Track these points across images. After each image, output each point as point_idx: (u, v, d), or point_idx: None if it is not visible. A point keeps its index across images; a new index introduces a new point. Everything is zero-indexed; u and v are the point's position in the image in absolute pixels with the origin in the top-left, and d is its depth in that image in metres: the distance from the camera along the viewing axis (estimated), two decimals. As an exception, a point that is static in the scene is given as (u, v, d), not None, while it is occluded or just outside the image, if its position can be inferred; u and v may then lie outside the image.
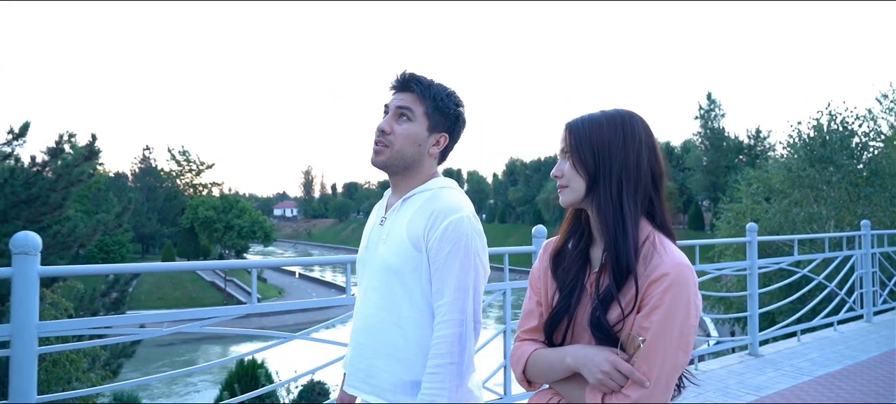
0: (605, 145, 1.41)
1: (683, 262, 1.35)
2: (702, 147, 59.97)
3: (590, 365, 1.35)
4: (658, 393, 1.31)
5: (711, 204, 59.05)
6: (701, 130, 60.21)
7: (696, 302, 1.34)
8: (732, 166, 55.91)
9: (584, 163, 1.42)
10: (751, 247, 5.94)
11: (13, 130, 12.50)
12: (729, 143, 59.03)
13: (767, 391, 4.73)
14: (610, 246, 1.37)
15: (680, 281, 1.31)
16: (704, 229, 57.42)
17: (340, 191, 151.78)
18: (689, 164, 62.32)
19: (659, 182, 1.44)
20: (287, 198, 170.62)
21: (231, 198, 60.29)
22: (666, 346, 1.30)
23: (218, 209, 57.71)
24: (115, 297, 13.80)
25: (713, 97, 60.68)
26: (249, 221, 57.93)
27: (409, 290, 1.67)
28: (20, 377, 2.47)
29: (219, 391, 17.97)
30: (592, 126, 1.44)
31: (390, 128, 1.71)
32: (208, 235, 58.71)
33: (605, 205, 1.39)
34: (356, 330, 1.78)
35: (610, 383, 1.32)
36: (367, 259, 1.79)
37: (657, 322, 1.30)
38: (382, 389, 1.69)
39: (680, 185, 63.40)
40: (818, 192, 12.44)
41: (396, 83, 1.77)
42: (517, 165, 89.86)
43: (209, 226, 57.36)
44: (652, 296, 1.31)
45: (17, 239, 2.47)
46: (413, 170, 1.75)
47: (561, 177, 1.47)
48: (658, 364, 1.30)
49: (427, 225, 1.65)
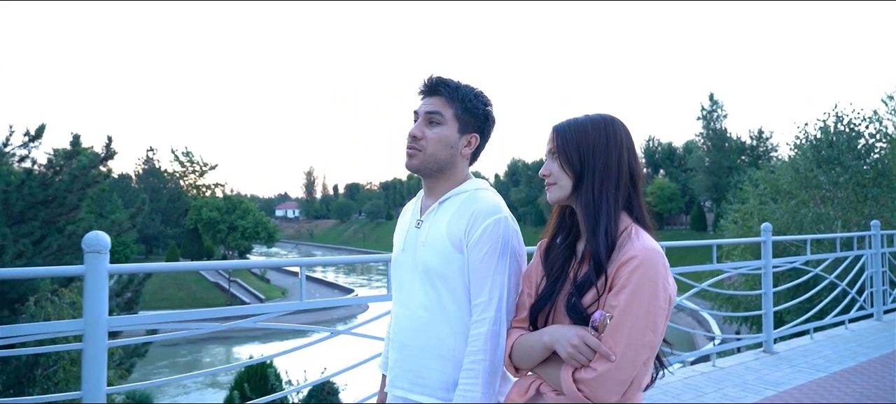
0: (590, 147, 1.54)
1: (653, 247, 1.45)
2: (704, 148, 60.02)
3: (562, 341, 1.45)
4: (624, 366, 1.39)
5: (714, 204, 59.11)
6: (703, 131, 60.27)
7: (666, 285, 1.43)
8: (735, 167, 55.95)
9: (570, 163, 1.55)
10: (765, 247, 6.07)
11: (29, 132, 12.66)
12: (731, 144, 59.06)
13: (785, 386, 4.86)
14: (590, 237, 1.49)
15: (647, 263, 1.41)
16: (707, 230, 57.47)
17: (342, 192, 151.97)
18: (691, 165, 62.36)
19: (637, 180, 1.57)
20: (289, 199, 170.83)
21: (235, 199, 60.41)
22: (632, 323, 1.38)
23: (222, 210, 57.83)
24: (128, 297, 13.97)
25: (715, 98, 60.73)
26: (253, 222, 58.05)
27: (454, 291, 1.71)
28: (92, 369, 2.61)
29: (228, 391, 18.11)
30: (578, 129, 1.56)
31: (422, 132, 1.75)
32: (212, 236, 58.82)
33: (587, 202, 1.52)
34: (401, 331, 1.80)
35: (579, 357, 1.42)
36: (405, 261, 1.82)
37: (624, 300, 1.40)
38: (433, 388, 1.72)
39: (682, 186, 63.44)
40: (825, 193, 12.57)
41: (424, 88, 1.80)
42: (519, 166, 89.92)
43: (213, 226, 57.47)
44: (621, 277, 1.41)
45: (90, 238, 2.61)
46: (447, 171, 1.78)
47: (549, 175, 1.59)
48: (624, 339, 1.38)
49: (467, 226, 1.69)
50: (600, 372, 1.39)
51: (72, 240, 12.73)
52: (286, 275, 62.74)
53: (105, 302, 2.64)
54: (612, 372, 1.38)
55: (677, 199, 62.76)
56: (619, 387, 1.40)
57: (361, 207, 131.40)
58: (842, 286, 6.99)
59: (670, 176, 67.05)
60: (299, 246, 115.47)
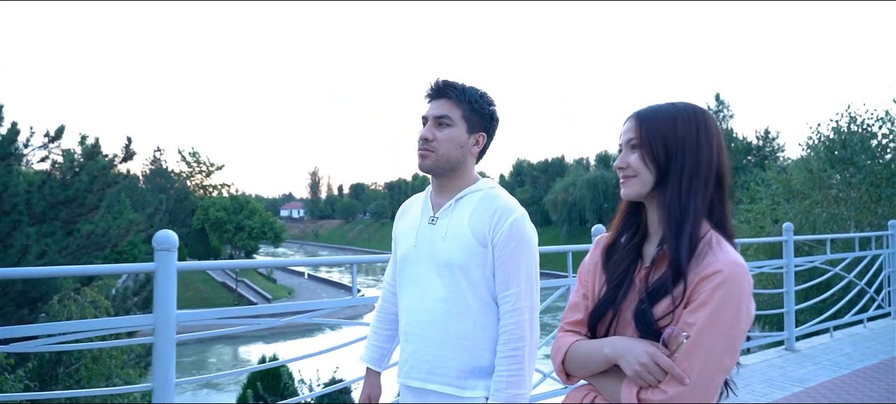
0: (680, 140, 1.38)
1: (739, 262, 1.31)
2: (710, 147, 60.08)
3: (628, 357, 1.31)
4: (698, 392, 1.26)
5: (720, 205, 58.96)
6: (709, 131, 60.32)
7: (748, 305, 1.29)
8: (741, 167, 55.89)
9: (654, 156, 1.39)
10: (787, 246, 6.16)
11: (49, 133, 12.83)
12: (737, 144, 58.96)
13: (811, 383, 4.95)
14: (671, 241, 1.33)
15: (732, 280, 1.27)
16: (713, 230, 57.45)
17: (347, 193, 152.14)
18: (696, 165, 62.39)
19: (723, 182, 1.41)
20: (293, 200, 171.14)
21: (241, 199, 60.67)
22: (710, 345, 1.25)
23: (229, 210, 58.08)
24: (144, 296, 14.12)
25: (721, 98, 60.71)
26: (260, 222, 58.28)
27: (475, 283, 1.78)
28: (162, 362, 2.72)
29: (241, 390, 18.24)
30: (666, 118, 1.40)
31: (433, 135, 1.84)
32: (219, 236, 59.09)
33: (671, 200, 1.36)
34: (418, 324, 1.85)
35: (647, 376, 1.28)
36: (419, 256, 1.88)
37: (703, 319, 1.26)
38: (449, 377, 1.79)
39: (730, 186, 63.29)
40: (838, 193, 12.64)
41: (431, 91, 1.88)
42: (524, 166, 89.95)
43: (220, 226, 57.73)
44: (701, 293, 1.27)
45: (160, 237, 2.73)
46: (458, 171, 1.87)
47: (627, 168, 1.43)
48: (700, 362, 1.25)
49: (491, 222, 1.78)
50: (671, 395, 1.26)
51: (90, 240, 12.90)
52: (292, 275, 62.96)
53: (174, 296, 2.76)
54: (684, 396, 1.25)
55: (683, 199, 62.61)
56: None
57: (366, 207, 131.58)
58: (860, 285, 7.07)
59: (728, 176, 67.03)
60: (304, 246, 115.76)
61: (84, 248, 12.82)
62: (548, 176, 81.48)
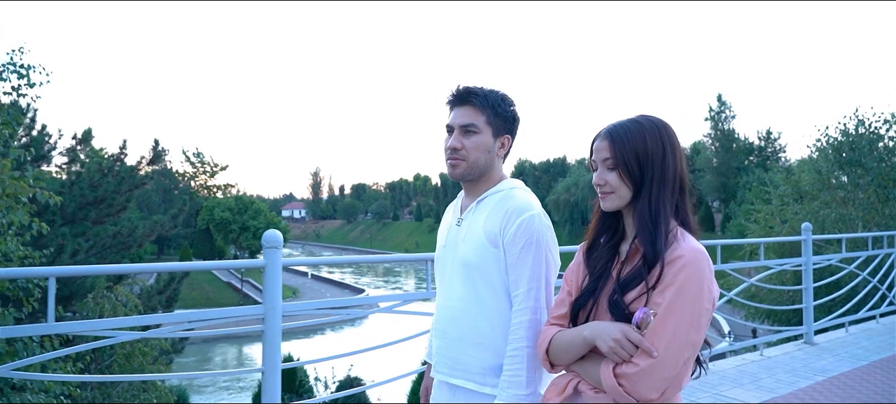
0: (649, 156, 1.54)
1: (699, 249, 1.48)
2: (712, 148, 60.35)
3: (603, 336, 1.46)
4: (667, 363, 1.40)
5: (722, 205, 59.42)
6: (711, 132, 60.60)
7: (711, 286, 1.45)
8: (743, 168, 56.27)
9: (630, 174, 1.54)
10: (806, 245, 6.48)
11: (77, 136, 13.17)
12: (739, 145, 59.36)
13: (832, 373, 5.28)
14: (646, 240, 1.49)
15: (693, 264, 1.43)
16: (715, 230, 57.77)
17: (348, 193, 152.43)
18: (699, 166, 62.65)
19: (685, 185, 1.60)
20: (294, 200, 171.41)
21: (246, 200, 61.05)
22: (676, 321, 1.40)
23: (233, 210, 58.43)
24: (168, 295, 14.46)
25: (723, 98, 61.04)
26: (264, 222, 58.61)
27: (491, 283, 1.83)
28: (271, 346, 3.05)
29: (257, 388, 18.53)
30: (637, 137, 1.55)
31: (461, 144, 1.87)
32: (223, 236, 59.44)
33: (643, 211, 1.52)
34: (442, 321, 1.93)
35: (621, 352, 1.43)
36: (446, 257, 1.95)
37: (669, 297, 1.42)
38: (472, 373, 1.85)
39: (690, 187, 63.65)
40: (846, 194, 12.99)
41: (454, 98, 1.90)
42: (526, 167, 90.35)
43: (225, 227, 58.09)
44: (666, 276, 1.44)
45: (269, 236, 3.05)
46: (486, 174, 1.91)
47: (605, 185, 1.57)
48: (668, 336, 1.40)
49: (502, 222, 1.81)
50: (642, 368, 1.40)
51: (116, 240, 13.24)
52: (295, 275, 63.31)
53: (280, 288, 3.08)
54: (654, 367, 1.40)
55: (685, 200, 62.95)
56: (660, 384, 1.42)
57: (368, 208, 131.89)
58: (873, 283, 7.39)
59: (686, 178, 67.27)
60: (306, 246, 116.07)
61: (110, 248, 13.16)
62: (550, 176, 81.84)
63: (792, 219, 13.34)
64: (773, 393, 4.71)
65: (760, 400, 4.57)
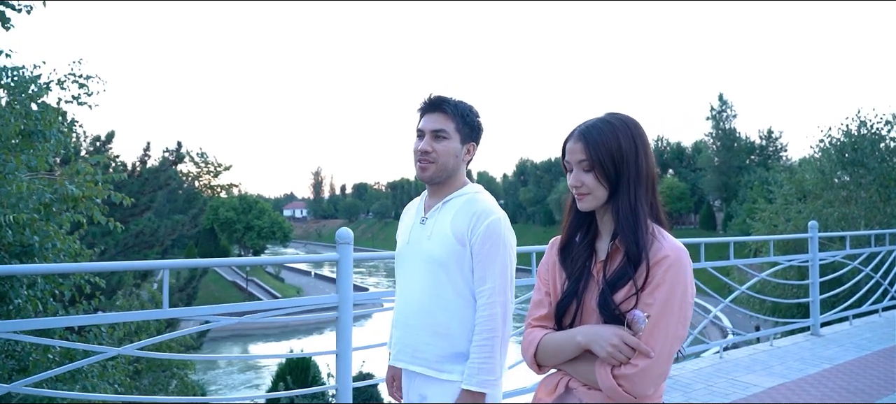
0: (624, 156, 1.55)
1: (681, 247, 1.52)
2: (713, 147, 60.75)
3: (600, 341, 1.48)
4: (662, 361, 1.46)
5: (723, 204, 59.89)
6: (712, 131, 61.02)
7: (692, 283, 1.51)
8: (744, 167, 56.71)
9: (606, 174, 1.55)
10: (813, 242, 6.85)
11: (100, 137, 13.54)
12: (741, 144, 59.77)
13: (838, 361, 5.66)
14: (630, 239, 1.51)
15: (679, 262, 1.48)
16: (716, 229, 58.22)
17: (350, 192, 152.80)
18: (700, 165, 63.08)
19: (655, 182, 1.61)
20: (296, 199, 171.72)
21: (250, 200, 61.40)
22: (668, 320, 1.46)
23: (238, 210, 58.79)
24: (188, 292, 14.85)
25: (725, 98, 61.46)
26: (269, 222, 58.99)
27: (453, 279, 1.97)
28: (344, 332, 3.43)
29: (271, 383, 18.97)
30: (610, 138, 1.55)
31: (432, 147, 2.01)
32: (228, 236, 59.81)
33: (624, 209, 1.54)
34: (404, 312, 2.06)
35: (619, 356, 1.46)
36: (410, 253, 2.07)
37: (661, 298, 1.46)
38: (429, 361, 2.00)
39: (691, 186, 64.14)
40: (849, 193, 13.38)
41: (426, 105, 2.05)
42: (527, 166, 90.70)
43: (229, 226, 58.45)
44: (654, 276, 1.47)
45: (342, 233, 3.48)
46: (452, 178, 2.06)
47: (581, 186, 1.57)
48: (662, 336, 1.45)
49: (470, 223, 1.96)
50: (641, 368, 1.44)
51: (140, 239, 13.63)
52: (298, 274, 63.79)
53: (351, 279, 3.46)
54: (652, 367, 1.45)
55: (686, 199, 63.52)
56: (658, 381, 1.48)
57: (369, 207, 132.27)
58: (876, 278, 7.77)
59: (679, 175, 67.80)
60: (307, 245, 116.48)
61: (133, 247, 13.55)
62: (551, 175, 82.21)
63: (796, 218, 13.73)
64: (784, 378, 5.09)
65: (772, 384, 4.95)
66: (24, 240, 4.54)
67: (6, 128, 4.51)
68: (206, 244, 61.70)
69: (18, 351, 5.52)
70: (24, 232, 4.49)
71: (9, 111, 4.69)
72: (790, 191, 14.74)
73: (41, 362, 5.07)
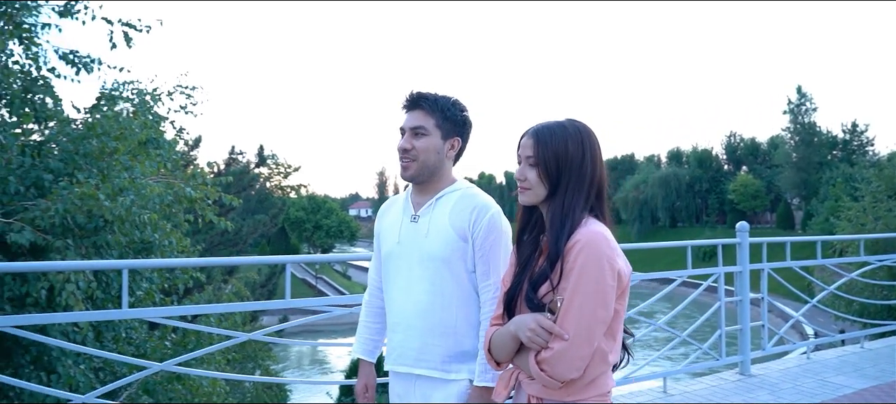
0: (569, 160, 1.62)
1: (596, 230, 1.56)
2: (791, 143, 57.87)
3: (522, 327, 1.56)
4: (579, 343, 1.49)
5: (802, 202, 57.00)
6: (790, 125, 58.11)
7: (613, 263, 1.53)
8: (825, 163, 53.79)
9: (549, 174, 1.62)
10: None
11: (188, 143, 14.47)
12: (821, 139, 56.70)
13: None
14: (552, 239, 1.58)
15: (590, 244, 1.52)
16: (794, 228, 55.50)
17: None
18: (777, 161, 60.24)
19: (602, 190, 1.67)
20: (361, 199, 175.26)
21: (318, 200, 63.34)
22: (581, 301, 1.49)
23: (307, 210, 60.77)
24: (269, 288, 15.61)
25: (803, 90, 58.41)
26: (337, 221, 60.69)
27: (456, 274, 1.93)
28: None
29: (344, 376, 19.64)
30: (560, 141, 1.63)
31: (411, 145, 1.98)
32: (298, 234, 61.94)
33: (556, 210, 1.60)
34: (405, 315, 1.98)
35: (538, 340, 1.52)
36: (402, 252, 2.01)
37: (572, 281, 1.50)
38: (435, 362, 1.93)
39: (767, 183, 61.43)
40: (945, 189, 12.56)
41: (407, 103, 2.02)
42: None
43: (299, 225, 60.50)
44: (567, 262, 1.53)
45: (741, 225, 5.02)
46: (437, 174, 2.01)
47: (524, 180, 1.66)
48: (575, 318, 1.49)
49: (471, 218, 1.93)
50: (557, 350, 1.49)
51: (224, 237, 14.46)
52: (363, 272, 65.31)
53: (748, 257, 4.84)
54: (569, 348, 1.48)
55: (761, 197, 60.85)
56: (578, 363, 1.50)
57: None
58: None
59: (754, 172, 64.96)
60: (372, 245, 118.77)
61: (219, 244, 14.40)
62: (617, 173, 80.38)
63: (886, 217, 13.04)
64: (877, 380, 4.98)
65: (864, 385, 4.85)
66: (146, 237, 5.05)
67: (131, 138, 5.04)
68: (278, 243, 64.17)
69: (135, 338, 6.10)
70: (146, 230, 4.99)
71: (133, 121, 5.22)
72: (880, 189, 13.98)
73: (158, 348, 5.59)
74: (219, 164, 13.82)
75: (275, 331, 3.66)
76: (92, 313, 3.60)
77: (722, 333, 4.95)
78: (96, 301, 4.63)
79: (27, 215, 4.30)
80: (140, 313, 3.40)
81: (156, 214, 4.98)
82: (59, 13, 5.52)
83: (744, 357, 5.05)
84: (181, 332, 6.25)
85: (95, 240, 4.75)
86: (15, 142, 4.78)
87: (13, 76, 5.16)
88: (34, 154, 4.89)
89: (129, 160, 4.91)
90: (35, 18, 5.39)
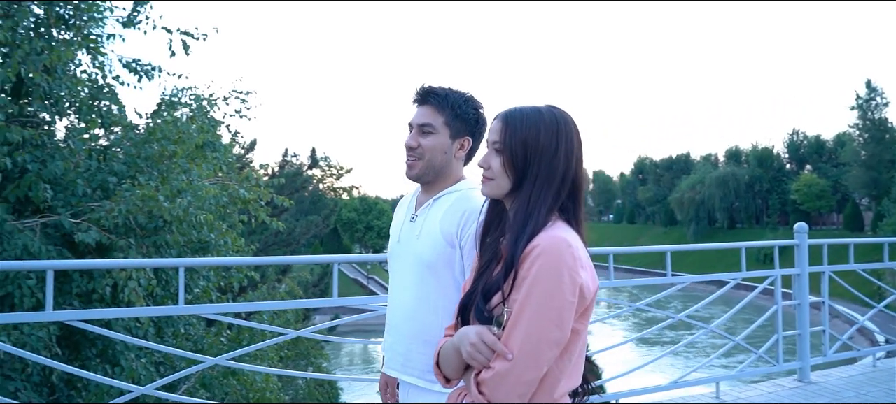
0: (539, 151, 1.40)
1: (559, 236, 1.33)
2: (860, 140, 55.00)
3: (464, 342, 1.34)
4: (523, 364, 1.26)
5: (872, 202, 54.12)
6: (859, 121, 55.22)
7: (574, 276, 1.29)
8: (899, 160, 50.98)
9: (514, 164, 1.41)
10: None
11: (243, 146, 14.98)
12: (893, 135, 53.67)
13: None
14: (511, 241, 1.37)
15: (549, 251, 1.29)
16: (863, 229, 52.75)
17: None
18: (844, 159, 57.41)
19: (578, 190, 1.44)
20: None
21: (370, 201, 64.33)
22: (530, 317, 1.26)
23: (359, 211, 61.82)
24: (321, 288, 15.95)
25: (873, 84, 55.39)
26: (387, 222, 61.40)
27: (442, 282, 1.81)
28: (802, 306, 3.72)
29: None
30: (531, 128, 1.41)
31: (417, 143, 1.86)
32: (350, 235, 63.05)
33: (519, 207, 1.39)
34: (395, 317, 1.92)
35: (479, 356, 1.30)
36: (400, 252, 1.93)
37: (523, 293, 1.28)
38: (420, 371, 1.83)
39: (833, 183, 58.63)
40: None
41: (416, 97, 1.90)
42: (646, 164, 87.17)
43: (351, 226, 61.58)
44: (521, 269, 1.30)
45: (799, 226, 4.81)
46: (443, 174, 1.89)
47: (488, 169, 1.45)
48: (522, 335, 1.26)
49: (460, 223, 1.80)
50: (497, 371, 1.28)
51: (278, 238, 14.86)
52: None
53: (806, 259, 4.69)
54: (511, 371, 1.26)
55: (827, 197, 58.13)
56: (521, 388, 1.27)
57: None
58: None
59: (819, 171, 62.12)
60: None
61: (272, 244, 14.83)
62: (672, 173, 78.49)
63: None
64: (954, 391, 4.68)
65: (939, 396, 4.57)
66: (203, 237, 5.28)
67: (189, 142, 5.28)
68: (331, 243, 65.59)
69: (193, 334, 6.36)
70: (202, 230, 5.22)
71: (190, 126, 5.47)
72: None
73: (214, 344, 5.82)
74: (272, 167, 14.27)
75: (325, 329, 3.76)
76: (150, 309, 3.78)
77: (779, 337, 4.77)
78: (156, 298, 4.86)
79: (93, 216, 4.57)
80: (195, 309, 3.56)
81: (212, 215, 5.20)
82: (122, 23, 5.84)
83: (803, 363, 4.85)
84: (236, 329, 6.48)
85: (155, 240, 5.00)
86: (83, 147, 5.09)
87: (82, 85, 5.50)
88: (100, 158, 5.20)
89: (187, 163, 5.15)
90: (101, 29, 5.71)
